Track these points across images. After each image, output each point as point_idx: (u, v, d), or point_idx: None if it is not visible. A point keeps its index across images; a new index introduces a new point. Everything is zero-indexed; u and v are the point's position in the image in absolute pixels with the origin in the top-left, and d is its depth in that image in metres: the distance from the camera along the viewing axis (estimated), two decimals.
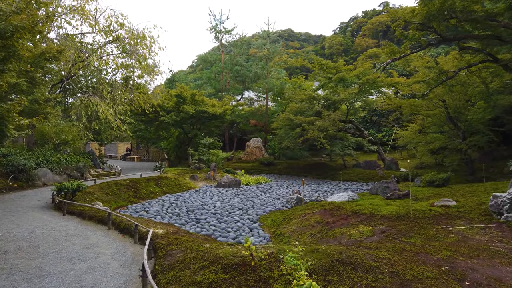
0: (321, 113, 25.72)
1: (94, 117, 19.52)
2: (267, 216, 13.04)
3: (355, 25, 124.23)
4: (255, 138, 32.30)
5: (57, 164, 19.33)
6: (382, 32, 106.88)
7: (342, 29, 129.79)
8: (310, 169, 28.50)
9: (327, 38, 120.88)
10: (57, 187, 11.76)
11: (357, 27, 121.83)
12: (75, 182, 12.15)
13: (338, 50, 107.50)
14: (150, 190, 18.16)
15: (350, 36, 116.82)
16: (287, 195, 18.03)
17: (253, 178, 23.47)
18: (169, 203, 15.68)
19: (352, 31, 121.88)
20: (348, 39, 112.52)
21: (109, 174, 21.86)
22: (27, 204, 12.42)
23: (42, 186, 17.16)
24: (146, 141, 38.96)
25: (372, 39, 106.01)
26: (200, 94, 26.87)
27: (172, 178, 21.17)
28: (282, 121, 26.16)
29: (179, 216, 13.07)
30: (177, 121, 25.53)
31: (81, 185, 11.95)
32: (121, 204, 15.18)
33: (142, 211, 14.10)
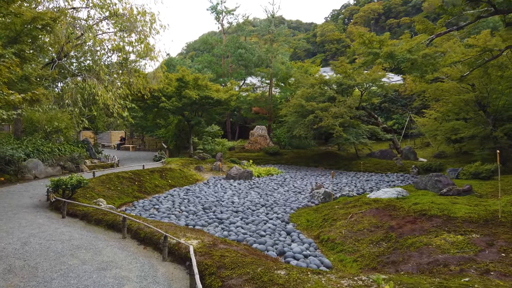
0: (335, 98, 23.98)
1: (91, 102, 17.42)
2: (298, 215, 11.36)
3: (347, 12, 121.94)
4: (259, 126, 30.49)
5: (49, 154, 17.30)
6: (374, 20, 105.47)
7: (333, 16, 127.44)
8: (320, 158, 26.89)
9: (318, 26, 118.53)
10: (53, 183, 9.84)
11: (349, 14, 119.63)
12: (74, 176, 10.24)
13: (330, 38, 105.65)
14: (155, 183, 16.30)
15: (342, 24, 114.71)
16: (307, 188, 16.38)
17: (264, 169, 21.76)
18: (180, 199, 13.88)
19: (344, 18, 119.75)
20: (340, 27, 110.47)
21: (106, 166, 19.89)
22: (17, 202, 10.48)
23: (33, 179, 15.18)
24: (142, 129, 36.80)
25: (364, 26, 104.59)
26: (203, 78, 24.80)
27: (177, 170, 19.31)
28: (293, 108, 24.36)
29: (197, 215, 11.29)
30: (178, 107, 23.52)
31: (82, 180, 10.06)
32: (125, 200, 13.32)
33: (152, 209, 12.29)
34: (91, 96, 15.76)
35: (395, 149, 25.98)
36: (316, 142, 31.64)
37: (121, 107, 16.57)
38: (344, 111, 22.12)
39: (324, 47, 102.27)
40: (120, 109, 16.33)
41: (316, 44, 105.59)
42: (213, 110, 27.44)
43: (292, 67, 31.45)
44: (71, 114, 16.79)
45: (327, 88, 26.09)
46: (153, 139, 39.57)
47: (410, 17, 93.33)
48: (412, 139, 29.63)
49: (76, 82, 15.48)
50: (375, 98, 26.37)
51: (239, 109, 33.33)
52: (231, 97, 25.02)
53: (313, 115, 22.64)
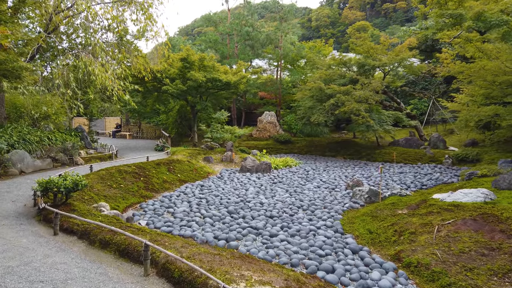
0: (357, 81, 21.62)
1: (86, 83, 14.87)
2: (350, 221, 9.18)
3: None
4: (268, 112, 28.09)
5: (38, 144, 14.83)
6: (369, 5, 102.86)
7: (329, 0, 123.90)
8: (336, 147, 24.68)
9: (313, 10, 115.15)
10: (41, 185, 7.48)
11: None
12: (69, 176, 7.88)
13: (325, 23, 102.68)
14: (163, 179, 13.98)
15: (337, 9, 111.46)
16: (339, 184, 14.19)
17: (280, 160, 19.49)
18: (196, 199, 11.60)
19: (339, 3, 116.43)
20: (335, 12, 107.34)
21: (104, 157, 17.46)
22: None
23: (19, 175, 12.76)
24: (138, 116, 34.17)
25: (360, 11, 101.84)
26: (210, 58, 22.24)
27: (185, 162, 16.97)
28: (310, 91, 21.97)
29: (224, 223, 9.05)
30: (183, 91, 21.03)
31: (80, 181, 7.70)
32: (131, 201, 11.01)
33: (165, 213, 10.01)
34: (86, 75, 13.23)
35: (419, 137, 23.86)
36: (328, 129, 29.37)
37: (122, 89, 14.06)
38: (369, 94, 19.82)
39: (320, 32, 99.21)
40: (120, 91, 13.82)
41: (312, 29, 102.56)
42: (220, 94, 24.95)
43: (303, 47, 28.87)
44: (63, 98, 14.27)
45: (345, 70, 23.70)
46: (150, 126, 37.00)
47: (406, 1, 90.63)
48: (434, 126, 27.52)
49: (68, 58, 12.91)
50: (399, 81, 24.05)
51: (244, 94, 30.82)
52: (241, 79, 22.52)
53: (334, 99, 20.30)
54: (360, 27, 78.73)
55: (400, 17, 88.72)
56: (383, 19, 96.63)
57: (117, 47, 16.88)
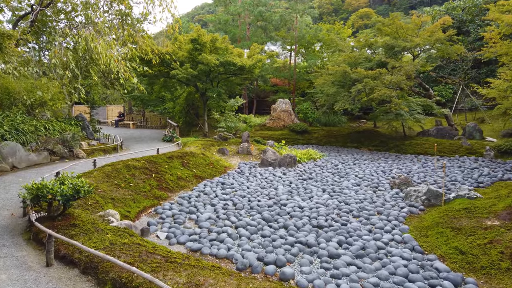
0: (385, 64, 19.55)
1: (88, 63, 12.87)
2: (420, 233, 7.34)
3: None
4: (282, 100, 26.06)
5: (33, 135, 12.95)
6: None
7: None
8: (359, 138, 22.73)
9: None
10: (30, 192, 5.58)
11: None
12: (68, 179, 6.01)
13: (328, 10, 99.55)
14: (178, 175, 12.11)
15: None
16: (379, 180, 12.31)
17: (303, 152, 17.58)
18: (221, 201, 9.74)
19: None
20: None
21: (108, 149, 15.56)
22: None
23: (10, 171, 10.90)
24: (142, 103, 32.14)
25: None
26: (223, 39, 20.15)
27: (199, 154, 15.07)
28: (332, 76, 19.91)
29: (264, 236, 7.17)
30: (193, 75, 19.01)
31: (82, 187, 5.78)
32: (144, 204, 9.15)
33: (187, 221, 8.16)
34: (87, 54, 11.22)
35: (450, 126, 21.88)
36: (346, 118, 27.38)
37: (129, 70, 12.07)
38: (401, 79, 17.79)
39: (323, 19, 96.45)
40: (127, 73, 11.83)
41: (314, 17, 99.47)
42: (232, 80, 22.91)
43: (320, 29, 26.65)
44: (61, 81, 12.30)
45: (370, 53, 21.62)
46: (155, 115, 35.07)
47: None
48: (462, 114, 25.51)
49: (66, 34, 10.90)
50: (429, 65, 21.94)
51: (256, 80, 28.75)
52: (257, 63, 20.46)
53: (361, 84, 18.28)
54: (364, 14, 76.24)
55: (404, 3, 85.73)
56: (387, 6, 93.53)
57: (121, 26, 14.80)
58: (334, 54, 25.27)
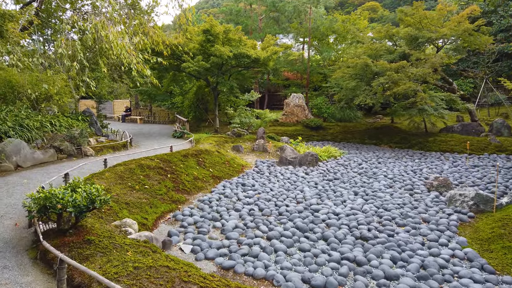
0: (408, 56, 18.45)
1: (97, 53, 11.93)
2: (482, 246, 6.39)
3: None
4: (295, 94, 25.04)
5: (38, 131, 12.10)
6: None
7: None
8: (377, 134, 21.71)
9: None
10: (37, 203, 4.68)
11: None
12: (81, 187, 5.10)
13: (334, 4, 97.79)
14: (194, 175, 11.21)
15: None
16: (412, 181, 11.33)
17: (321, 150, 16.61)
18: (245, 205, 8.84)
19: None
20: None
21: (117, 146, 14.67)
22: None
23: (14, 171, 10.04)
24: (149, 98, 31.17)
25: None
26: (236, 30, 19.14)
27: (214, 152, 14.16)
28: (352, 69, 18.87)
29: (305, 251, 6.25)
30: (206, 68, 18.05)
31: (98, 196, 4.87)
32: (161, 209, 8.25)
33: (212, 230, 7.26)
34: (97, 43, 10.29)
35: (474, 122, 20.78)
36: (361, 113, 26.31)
37: (142, 62, 11.11)
38: (427, 72, 16.72)
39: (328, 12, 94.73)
40: (140, 65, 10.88)
41: None
42: (244, 73, 21.91)
43: (336, 20, 25.51)
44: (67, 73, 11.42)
45: (391, 44, 20.52)
46: (162, 109, 34.10)
47: None
48: (484, 109, 24.38)
49: (74, 21, 9.96)
50: (454, 57, 20.81)
51: (268, 73, 27.72)
52: (272, 55, 19.44)
53: (383, 77, 17.23)
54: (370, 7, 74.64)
55: None
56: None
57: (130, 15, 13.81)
58: (351, 46, 24.16)
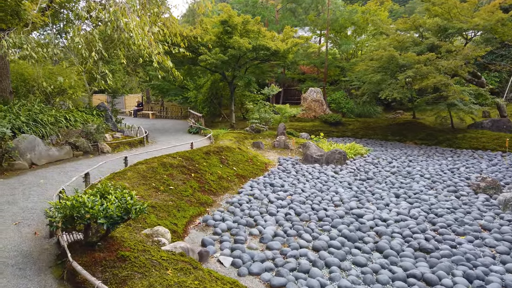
0: (438, 47, 17.45)
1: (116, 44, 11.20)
2: None
3: None
4: (313, 89, 24.16)
5: (53, 127, 11.42)
6: None
7: None
8: (400, 130, 20.79)
9: None
10: (61, 212, 3.96)
11: None
12: (111, 192, 4.37)
13: None
14: (218, 174, 10.48)
15: None
16: (452, 182, 10.47)
17: (346, 146, 15.78)
18: (279, 208, 8.09)
19: None
20: None
21: (134, 142, 13.99)
22: None
23: (29, 169, 9.40)
24: (161, 92, 30.45)
25: None
26: (255, 21, 18.30)
27: (235, 149, 13.42)
28: (377, 62, 17.94)
29: (363, 266, 5.49)
30: (223, 61, 17.28)
31: (134, 205, 4.13)
32: (190, 213, 7.54)
33: (249, 238, 6.52)
34: (115, 32, 9.55)
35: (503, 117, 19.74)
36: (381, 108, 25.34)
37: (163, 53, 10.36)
38: (459, 64, 15.76)
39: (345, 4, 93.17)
40: (161, 56, 10.13)
41: None
42: (262, 66, 21.11)
43: (355, 11, 24.50)
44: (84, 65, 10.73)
45: (417, 36, 19.51)
46: (174, 104, 33.41)
47: None
48: (510, 104, 23.28)
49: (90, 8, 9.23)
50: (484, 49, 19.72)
51: (284, 67, 26.84)
52: (292, 47, 18.59)
53: (411, 70, 16.29)
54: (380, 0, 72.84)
55: None
56: None
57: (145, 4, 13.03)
58: (373, 38, 23.20)
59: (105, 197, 4.53)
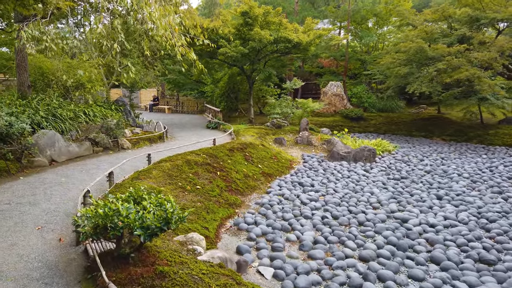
0: (469, 39, 16.54)
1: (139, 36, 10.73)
2: None
3: None
4: (333, 83, 23.41)
5: (72, 122, 11.06)
6: None
7: None
8: (426, 125, 19.95)
9: None
10: (92, 221, 3.47)
11: None
12: (145, 198, 3.86)
13: None
14: (244, 172, 9.97)
15: None
16: (495, 182, 9.72)
17: (372, 143, 15.05)
18: (313, 211, 7.52)
19: None
20: None
21: (153, 138, 13.56)
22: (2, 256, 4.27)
23: (49, 166, 9.03)
24: (176, 87, 30.00)
25: None
26: (276, 12, 17.64)
27: (258, 146, 12.88)
28: (405, 54, 17.09)
29: (421, 280, 4.90)
30: (244, 54, 16.71)
31: (174, 213, 3.61)
32: (220, 215, 7.05)
33: (286, 244, 5.99)
34: (138, 23, 9.05)
35: None
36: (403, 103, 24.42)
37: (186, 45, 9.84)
38: (493, 56, 14.86)
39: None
40: (185, 47, 9.60)
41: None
42: (282, 59, 20.45)
43: (379, 2, 23.55)
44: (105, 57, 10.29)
45: (445, 27, 18.58)
46: (189, 99, 32.99)
47: None
48: None
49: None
50: None
51: (303, 60, 26.12)
52: (315, 39, 17.88)
53: (442, 63, 15.45)
54: None
55: None
56: None
57: None
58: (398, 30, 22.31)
59: (138, 202, 4.04)
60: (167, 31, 8.86)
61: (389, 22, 24.10)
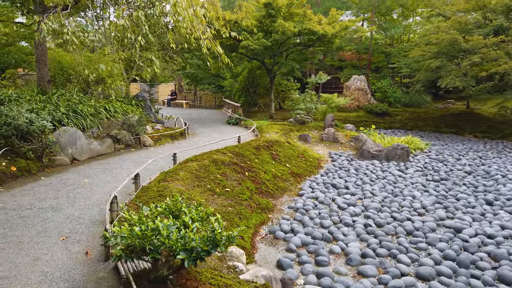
0: (505, 30, 15.50)
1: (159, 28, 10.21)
2: None
3: None
4: (357, 77, 22.56)
5: (93, 118, 10.67)
6: None
7: None
8: (455, 122, 18.98)
9: None
10: (126, 241, 2.94)
11: None
12: (184, 211, 3.33)
13: None
14: (272, 172, 9.40)
15: None
16: None
17: (401, 140, 14.27)
18: (352, 217, 6.91)
19: None
20: None
21: (175, 134, 13.09)
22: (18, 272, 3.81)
23: (70, 165, 8.63)
24: (194, 81, 29.53)
25: None
26: (300, 2, 16.92)
27: (284, 143, 12.30)
28: (436, 46, 16.16)
29: None
30: (266, 47, 16.09)
31: (222, 234, 3.07)
32: (253, 221, 6.53)
33: (331, 257, 5.43)
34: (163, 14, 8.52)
35: None
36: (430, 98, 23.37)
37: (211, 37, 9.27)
38: None
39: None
40: (210, 41, 9.04)
41: None
42: (305, 52, 19.72)
43: None
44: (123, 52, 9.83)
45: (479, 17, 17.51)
46: (206, 93, 32.53)
47: None
48: None
49: None
50: None
51: (325, 53, 25.28)
52: (341, 31, 17.09)
53: (477, 55, 14.51)
54: None
55: None
56: None
57: None
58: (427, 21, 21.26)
59: (176, 216, 3.52)
60: (194, 22, 8.34)
61: (415, 13, 23.01)
